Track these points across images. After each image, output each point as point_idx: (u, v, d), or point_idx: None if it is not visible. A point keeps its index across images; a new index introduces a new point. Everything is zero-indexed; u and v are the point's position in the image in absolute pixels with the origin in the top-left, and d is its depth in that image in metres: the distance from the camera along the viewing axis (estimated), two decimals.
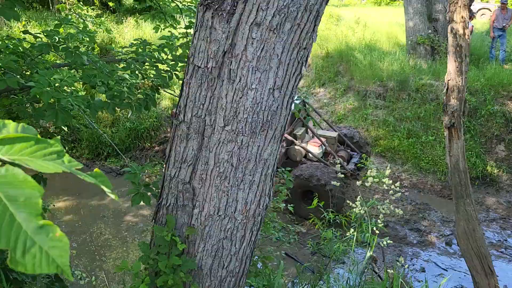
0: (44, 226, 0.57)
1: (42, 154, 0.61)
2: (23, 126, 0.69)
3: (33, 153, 0.60)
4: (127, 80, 3.76)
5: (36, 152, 0.61)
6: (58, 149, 0.64)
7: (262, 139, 2.56)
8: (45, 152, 0.62)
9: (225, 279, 2.91)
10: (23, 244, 0.55)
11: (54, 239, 0.58)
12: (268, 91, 2.43)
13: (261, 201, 2.79)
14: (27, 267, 0.55)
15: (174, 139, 2.71)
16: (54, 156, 0.62)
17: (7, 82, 3.13)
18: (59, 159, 0.63)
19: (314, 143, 8.25)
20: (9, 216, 0.54)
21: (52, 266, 0.58)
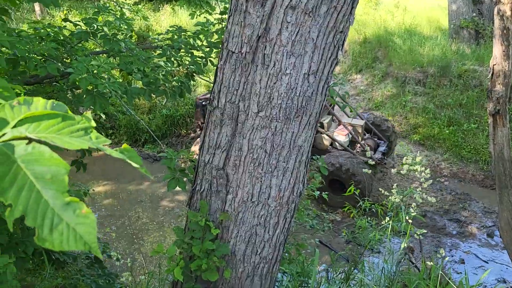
0: (71, 203, 0.57)
1: (69, 131, 0.61)
2: (52, 103, 0.68)
3: (59, 130, 0.60)
4: (162, 67, 3.79)
5: (62, 129, 0.61)
6: (85, 125, 0.63)
7: (297, 125, 2.52)
8: (72, 128, 0.61)
9: (258, 265, 2.91)
10: (50, 221, 0.55)
11: (81, 216, 0.57)
12: (303, 76, 2.38)
13: (295, 188, 2.76)
14: (54, 244, 0.55)
15: (208, 125, 2.71)
16: (81, 133, 0.62)
17: (47, 69, 3.22)
18: (86, 135, 0.62)
19: (340, 132, 8.11)
20: (36, 193, 0.54)
21: (80, 242, 0.57)
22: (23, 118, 0.60)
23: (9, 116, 0.60)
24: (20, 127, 0.59)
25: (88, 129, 0.63)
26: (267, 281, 3.03)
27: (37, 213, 0.53)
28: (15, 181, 0.53)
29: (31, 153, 0.56)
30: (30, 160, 0.55)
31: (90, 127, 0.63)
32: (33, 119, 0.61)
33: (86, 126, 0.63)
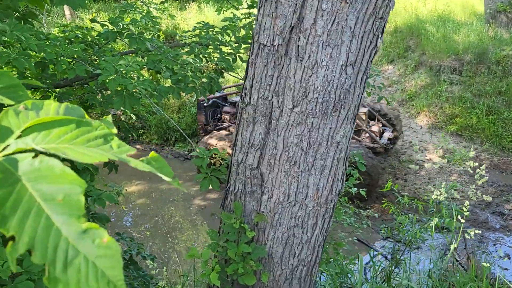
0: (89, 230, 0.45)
1: (84, 140, 0.49)
2: (66, 107, 0.57)
3: (73, 139, 0.49)
4: (191, 64, 3.70)
5: (77, 137, 0.49)
6: (104, 132, 0.52)
7: (334, 120, 2.37)
8: (88, 136, 0.50)
9: (296, 268, 2.78)
10: (64, 254, 0.44)
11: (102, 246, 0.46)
12: (340, 67, 2.22)
13: (333, 187, 2.61)
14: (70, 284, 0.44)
15: (240, 122, 2.59)
16: (99, 141, 0.50)
17: (76, 71, 3.17)
18: (106, 144, 0.51)
19: None
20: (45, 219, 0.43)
21: (102, 281, 0.46)
22: (30, 126, 0.50)
23: (13, 124, 0.50)
24: (26, 137, 0.48)
25: (108, 136, 0.51)
26: (306, 284, 2.90)
27: (47, 246, 0.42)
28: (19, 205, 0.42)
29: (38, 168, 0.44)
30: (37, 178, 0.44)
31: (110, 134, 0.51)
32: (42, 127, 0.50)
33: (105, 133, 0.51)
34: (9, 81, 0.63)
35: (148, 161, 0.53)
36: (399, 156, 9.45)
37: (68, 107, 0.58)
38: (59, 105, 0.56)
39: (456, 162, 9.08)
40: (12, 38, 2.74)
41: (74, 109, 0.59)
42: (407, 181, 8.65)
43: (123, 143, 0.52)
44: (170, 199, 8.79)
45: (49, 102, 0.57)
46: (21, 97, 0.64)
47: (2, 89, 0.62)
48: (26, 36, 2.86)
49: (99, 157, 0.47)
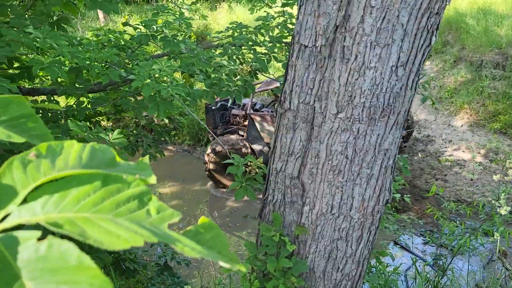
0: None
1: (113, 205, 0.36)
2: (92, 149, 0.43)
3: (97, 205, 0.35)
4: (225, 67, 3.57)
5: (102, 201, 0.35)
6: (139, 190, 0.37)
7: (383, 126, 2.18)
8: (117, 199, 0.36)
9: (340, 283, 2.61)
10: None
11: None
12: (390, 69, 2.03)
13: (380, 197, 2.41)
14: None
15: (280, 129, 2.44)
16: (133, 205, 0.36)
17: (109, 75, 3.10)
18: (142, 208, 0.37)
19: None
20: None
21: None
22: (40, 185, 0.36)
23: (19, 181, 0.36)
24: (33, 203, 0.35)
25: (145, 196, 0.37)
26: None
27: None
28: None
29: (44, 257, 0.30)
30: (43, 272, 0.30)
31: (147, 193, 0.37)
32: (55, 187, 0.36)
33: (141, 192, 0.37)
34: (19, 110, 0.50)
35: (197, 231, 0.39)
36: (439, 156, 9.07)
37: (94, 150, 0.44)
38: (82, 147, 0.43)
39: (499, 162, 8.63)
40: (44, 45, 2.68)
41: (103, 151, 0.45)
42: (447, 182, 8.28)
43: (164, 206, 0.38)
44: (203, 200, 8.74)
45: (70, 144, 0.43)
46: (33, 130, 0.50)
47: (10, 121, 0.48)
48: (59, 43, 2.79)
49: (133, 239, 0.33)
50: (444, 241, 4.42)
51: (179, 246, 0.35)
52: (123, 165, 0.45)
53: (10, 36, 2.71)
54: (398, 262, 4.50)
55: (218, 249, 0.40)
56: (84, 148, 0.43)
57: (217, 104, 8.71)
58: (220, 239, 0.41)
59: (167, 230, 0.36)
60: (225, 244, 0.41)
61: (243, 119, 8.66)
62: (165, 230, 0.36)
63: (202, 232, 0.40)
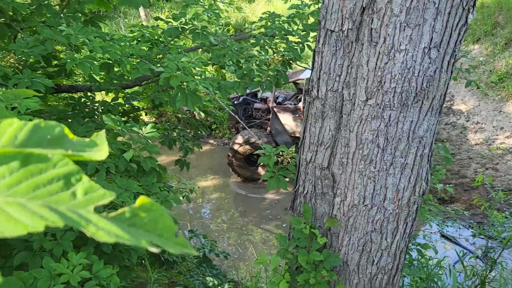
0: None
1: (31, 186, 0.32)
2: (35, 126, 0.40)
3: (11, 187, 0.31)
4: (256, 57, 3.52)
5: (19, 183, 0.32)
6: (66, 170, 0.34)
7: (416, 113, 2.06)
8: (38, 180, 0.33)
9: (375, 276, 2.51)
10: None
11: None
12: (422, 51, 1.91)
13: (416, 187, 2.29)
14: None
15: (308, 118, 2.36)
16: (56, 186, 0.33)
17: (140, 70, 3.13)
18: (67, 189, 0.33)
19: None
20: None
21: None
22: None
23: None
24: None
25: (72, 176, 0.33)
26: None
27: None
28: None
29: None
30: None
31: (75, 173, 0.34)
32: None
33: (68, 172, 0.34)
34: None
35: (133, 213, 0.35)
36: (489, 144, 8.61)
37: (36, 127, 0.40)
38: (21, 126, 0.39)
39: None
40: (76, 41, 2.74)
41: (48, 127, 0.41)
42: (498, 171, 7.84)
43: (94, 187, 0.34)
44: (244, 193, 8.76)
45: (10, 122, 0.40)
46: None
47: None
48: (90, 39, 2.84)
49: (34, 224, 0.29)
50: (493, 233, 4.18)
51: (91, 230, 0.31)
52: (71, 142, 0.41)
53: (45, 35, 2.79)
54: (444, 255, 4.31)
55: (158, 232, 0.36)
56: (25, 126, 0.40)
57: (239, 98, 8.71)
58: (162, 221, 0.36)
59: (89, 212, 0.32)
60: (168, 226, 0.37)
61: (265, 113, 8.62)
62: (85, 212, 0.32)
63: (139, 214, 0.35)
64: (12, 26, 3.19)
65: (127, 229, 0.33)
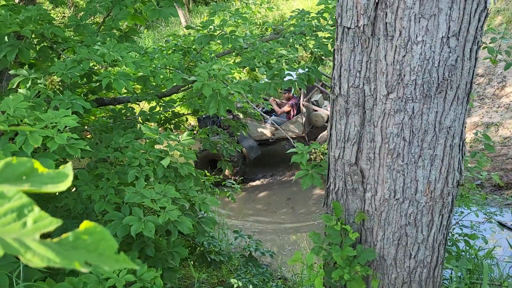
0: None
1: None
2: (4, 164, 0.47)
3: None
4: (285, 55, 3.55)
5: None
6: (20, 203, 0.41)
7: (441, 103, 2.03)
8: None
9: (414, 270, 2.48)
10: None
11: None
12: (441, 41, 1.88)
13: (449, 178, 2.25)
14: None
15: (333, 115, 2.38)
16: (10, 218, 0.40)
17: (173, 80, 3.25)
18: (19, 219, 0.40)
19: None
20: None
21: None
22: None
23: None
24: None
25: (25, 208, 0.41)
26: (429, 287, 2.58)
27: None
28: None
29: None
30: None
31: (28, 205, 0.41)
32: None
33: (21, 205, 0.41)
34: None
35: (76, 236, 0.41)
36: None
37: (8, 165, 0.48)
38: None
39: None
40: (110, 59, 2.89)
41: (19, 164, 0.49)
42: None
43: (44, 216, 0.41)
44: (291, 191, 8.80)
45: None
46: None
47: None
48: (123, 55, 2.99)
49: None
50: None
51: (27, 257, 0.37)
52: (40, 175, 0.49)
53: (81, 55, 2.97)
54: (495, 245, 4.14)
55: (100, 251, 0.42)
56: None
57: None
58: (105, 242, 0.43)
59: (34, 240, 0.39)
60: (110, 245, 0.43)
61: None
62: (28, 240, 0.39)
63: (81, 237, 0.42)
64: (54, 48, 3.41)
65: (64, 252, 0.39)
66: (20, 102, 2.28)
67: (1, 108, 2.25)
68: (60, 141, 2.10)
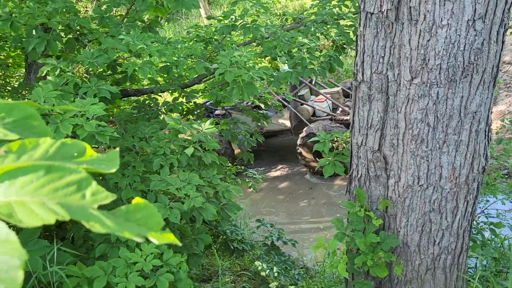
0: None
1: (52, 189, 0.43)
2: (62, 144, 0.51)
3: (37, 190, 0.42)
4: (306, 44, 3.55)
5: (43, 186, 0.43)
6: (79, 177, 0.44)
7: (466, 87, 2.00)
8: (57, 185, 0.43)
9: (438, 257, 2.48)
10: None
11: None
12: (466, 24, 1.85)
13: (474, 164, 2.23)
14: None
15: (356, 102, 2.38)
16: (71, 189, 0.43)
17: (196, 69, 3.29)
18: (78, 192, 0.43)
19: (319, 100, 8.80)
20: None
21: None
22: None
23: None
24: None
25: (83, 182, 0.44)
26: (453, 274, 2.56)
27: None
28: None
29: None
30: None
31: (86, 179, 0.44)
32: (7, 176, 0.44)
33: (80, 178, 0.44)
34: (21, 114, 0.61)
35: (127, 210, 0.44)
36: None
37: (64, 144, 0.52)
38: (52, 143, 0.51)
39: None
40: (135, 48, 2.95)
41: (73, 145, 0.52)
42: None
43: (101, 190, 0.44)
44: (311, 180, 8.80)
45: (44, 140, 0.52)
46: (34, 129, 0.60)
47: (13, 123, 0.59)
48: (148, 44, 3.05)
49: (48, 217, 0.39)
50: None
51: (89, 223, 0.41)
52: (91, 158, 0.53)
53: (107, 44, 3.04)
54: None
55: (149, 226, 0.45)
56: (54, 144, 0.51)
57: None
58: (153, 218, 0.46)
59: (93, 209, 0.42)
60: (158, 222, 0.46)
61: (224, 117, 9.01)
62: (89, 209, 0.42)
63: (132, 211, 0.45)
64: (80, 40, 3.49)
65: (120, 222, 0.43)
66: (49, 92, 2.35)
67: (32, 98, 2.33)
68: (90, 129, 2.16)
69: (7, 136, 0.57)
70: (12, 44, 3.65)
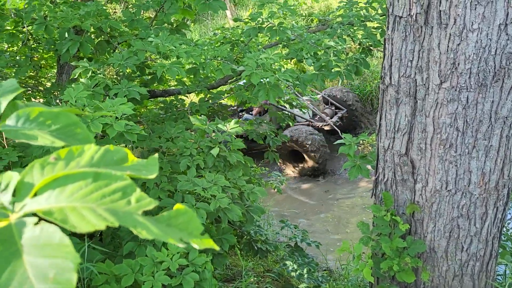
0: None
1: (99, 196, 0.45)
2: (106, 150, 0.54)
3: (85, 196, 0.45)
4: (332, 47, 3.54)
5: (91, 193, 0.46)
6: (124, 184, 0.47)
7: (497, 92, 1.97)
8: (104, 191, 0.46)
9: (466, 263, 2.44)
10: None
11: None
12: (498, 28, 1.83)
13: (505, 170, 2.19)
14: None
15: (383, 105, 2.36)
16: (117, 196, 0.46)
17: (222, 71, 3.33)
18: (124, 198, 0.46)
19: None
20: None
21: None
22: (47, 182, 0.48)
23: (36, 179, 0.49)
24: (40, 196, 0.47)
25: (128, 188, 0.46)
26: (481, 282, 2.52)
27: None
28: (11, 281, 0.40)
29: (38, 237, 0.42)
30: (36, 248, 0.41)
31: (131, 186, 0.46)
32: (57, 183, 0.47)
33: (125, 185, 0.46)
34: (66, 121, 0.64)
35: (169, 216, 0.46)
36: None
37: (107, 151, 0.55)
38: (96, 150, 0.54)
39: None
40: (164, 49, 3.00)
41: (116, 151, 0.55)
42: None
43: (144, 196, 0.47)
44: (338, 182, 8.75)
45: (89, 147, 0.55)
46: (77, 135, 0.64)
47: (58, 130, 0.62)
48: (176, 46, 3.10)
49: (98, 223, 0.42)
50: None
51: (137, 229, 0.43)
52: (132, 163, 0.55)
53: (137, 47, 3.11)
54: None
55: (189, 231, 0.47)
56: (99, 150, 0.54)
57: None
58: (193, 223, 0.48)
59: (138, 215, 0.45)
60: (197, 227, 0.48)
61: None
62: (135, 215, 0.45)
63: (174, 216, 0.47)
64: (110, 42, 3.58)
65: (163, 228, 0.45)
66: (80, 92, 2.43)
67: (64, 98, 2.40)
68: (119, 128, 2.22)
69: (54, 143, 0.60)
70: (46, 46, 3.77)
